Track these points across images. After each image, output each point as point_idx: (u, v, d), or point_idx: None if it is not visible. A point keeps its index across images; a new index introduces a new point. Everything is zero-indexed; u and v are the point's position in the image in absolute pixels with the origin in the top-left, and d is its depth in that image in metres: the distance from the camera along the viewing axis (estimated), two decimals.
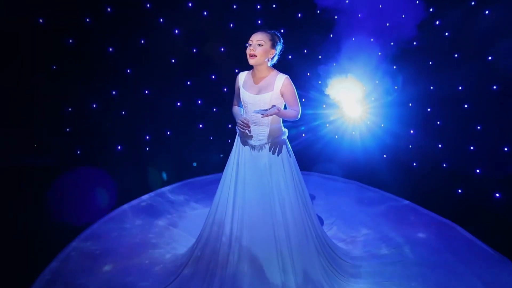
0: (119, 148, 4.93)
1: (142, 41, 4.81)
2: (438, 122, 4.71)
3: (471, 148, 4.24)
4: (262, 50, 2.25)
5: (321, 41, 5.62)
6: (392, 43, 5.31)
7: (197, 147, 5.23)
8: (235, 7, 5.19)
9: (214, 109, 5.49)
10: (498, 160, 3.92)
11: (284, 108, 2.32)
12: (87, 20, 4.45)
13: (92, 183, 4.04)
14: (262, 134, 2.30)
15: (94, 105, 4.77)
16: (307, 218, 2.37)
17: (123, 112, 4.96)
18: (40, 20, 4.22)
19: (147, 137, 5.12)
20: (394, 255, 2.88)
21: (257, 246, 2.25)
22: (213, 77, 5.38)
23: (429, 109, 4.86)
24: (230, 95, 5.48)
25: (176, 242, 3.03)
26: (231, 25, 5.20)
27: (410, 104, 5.10)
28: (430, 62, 4.93)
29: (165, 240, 3.06)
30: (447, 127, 4.59)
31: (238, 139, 2.42)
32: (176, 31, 4.96)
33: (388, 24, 5.30)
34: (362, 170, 4.50)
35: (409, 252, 2.91)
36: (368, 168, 4.56)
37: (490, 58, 4.22)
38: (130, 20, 4.64)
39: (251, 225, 2.26)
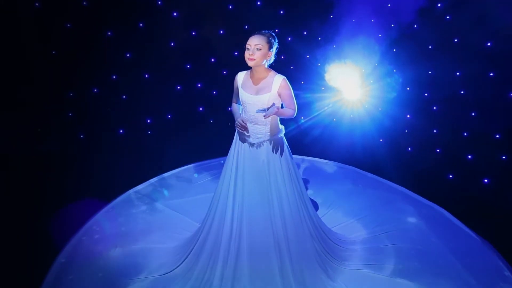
0: (121, 132, 5.03)
1: (141, 25, 4.77)
2: (434, 108, 4.80)
3: (465, 134, 4.36)
4: (261, 54, 2.33)
5: (321, 23, 5.55)
6: (393, 25, 5.27)
7: (198, 131, 5.33)
8: None
9: (214, 92, 5.53)
10: (489, 147, 4.06)
11: (281, 107, 2.41)
12: (84, 4, 4.39)
13: (97, 169, 4.18)
14: (261, 132, 2.42)
15: (95, 90, 4.82)
16: (303, 209, 2.55)
17: (124, 97, 5.01)
18: (37, 4, 4.16)
19: (148, 121, 5.21)
20: (384, 239, 3.08)
21: (256, 237, 2.44)
22: (213, 60, 5.38)
23: (426, 94, 4.93)
24: (230, 78, 5.52)
25: (180, 227, 3.22)
26: (230, 7, 5.13)
27: (408, 88, 5.15)
28: (430, 46, 4.93)
29: (169, 225, 3.24)
30: (443, 113, 4.68)
31: (237, 136, 2.53)
32: (175, 14, 4.90)
33: (389, 5, 5.22)
34: (359, 155, 4.63)
35: (399, 237, 3.10)
36: (365, 153, 4.68)
37: (489, 44, 4.23)
38: (128, 4, 4.57)
39: (251, 218, 2.44)
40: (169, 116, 5.33)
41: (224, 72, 5.48)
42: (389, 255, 2.90)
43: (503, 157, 3.90)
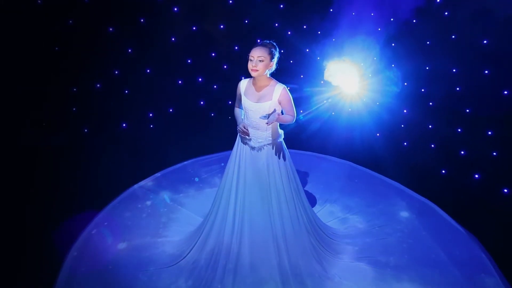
0: (124, 126, 5.15)
1: (142, 20, 4.81)
2: (431, 103, 4.90)
3: (459, 130, 4.49)
4: (263, 65, 2.45)
5: (321, 17, 5.58)
6: (392, 19, 5.30)
7: (199, 124, 5.44)
8: None
9: (215, 86, 5.62)
10: (481, 143, 4.20)
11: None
12: (86, 0, 4.42)
13: (102, 163, 4.32)
14: (261, 137, 2.56)
15: (98, 85, 4.91)
16: (300, 207, 2.72)
17: (126, 91, 5.11)
18: (39, 1, 4.20)
19: (151, 115, 5.32)
20: (377, 233, 3.26)
21: (256, 233, 2.62)
22: (213, 55, 5.44)
23: (423, 90, 5.02)
24: (230, 72, 5.59)
25: (184, 221, 3.40)
26: (230, 2, 5.15)
27: (406, 84, 5.23)
28: (428, 42, 4.98)
29: (174, 220, 3.42)
30: (438, 109, 4.79)
31: (239, 139, 2.67)
32: (175, 9, 4.93)
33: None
34: (355, 150, 4.76)
35: (391, 231, 3.29)
36: (361, 147, 4.81)
37: (486, 42, 4.30)
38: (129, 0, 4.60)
39: (251, 216, 2.62)
40: (171, 110, 5.43)
41: (225, 67, 5.55)
42: (381, 248, 3.09)
43: (494, 153, 4.04)
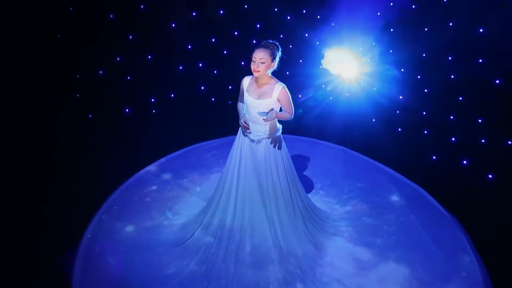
0: (127, 111, 5.29)
1: (142, 7, 4.83)
2: (426, 90, 5.04)
3: (451, 118, 4.66)
4: (264, 66, 2.61)
5: (320, 1, 5.58)
6: (392, 4, 5.32)
7: (200, 109, 5.57)
8: None
9: (215, 71, 5.71)
10: (472, 130, 4.38)
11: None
12: None
13: (108, 148, 4.51)
14: (261, 131, 2.75)
15: (100, 72, 5.00)
16: (296, 195, 2.96)
17: (128, 77, 5.20)
18: None
19: (152, 100, 5.44)
20: (368, 217, 3.52)
21: (255, 218, 2.87)
22: (213, 40, 5.48)
23: (419, 77, 5.13)
24: (230, 57, 5.65)
25: (188, 205, 3.63)
26: None
27: (402, 70, 5.34)
28: (426, 29, 5.04)
29: (179, 203, 3.65)
30: (433, 96, 4.93)
31: (241, 133, 2.86)
32: None
33: None
34: (351, 135, 4.93)
35: (381, 214, 3.54)
36: (357, 133, 4.99)
37: (481, 31, 4.38)
38: None
39: (251, 203, 2.86)
40: (172, 96, 5.55)
41: (225, 52, 5.61)
42: (371, 230, 3.36)
43: (482, 141, 4.23)
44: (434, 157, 4.40)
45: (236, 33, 5.48)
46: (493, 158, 4.07)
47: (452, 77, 4.69)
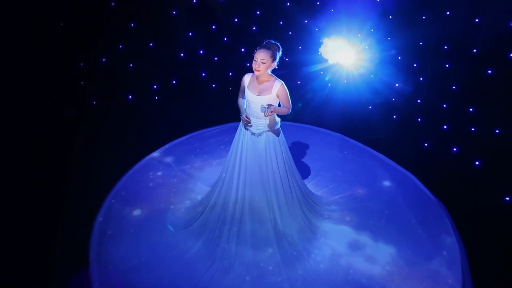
0: (130, 98, 5.43)
1: None
2: (421, 78, 5.17)
3: (444, 106, 4.83)
4: (265, 66, 2.78)
5: None
6: None
7: (201, 95, 5.71)
8: None
9: (215, 58, 5.80)
10: (462, 119, 4.56)
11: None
12: None
13: (113, 134, 4.69)
14: (261, 125, 2.95)
15: (104, 59, 5.10)
16: (293, 182, 3.19)
17: (131, 65, 5.31)
18: None
19: (155, 87, 5.57)
20: (360, 201, 3.76)
21: (255, 204, 3.10)
22: (214, 27, 5.54)
23: (415, 65, 5.25)
24: (230, 45, 5.73)
25: (192, 190, 3.87)
26: None
27: (400, 58, 5.44)
28: (424, 17, 5.10)
29: (183, 189, 3.88)
30: (428, 84, 5.07)
31: (242, 126, 3.05)
32: None
33: None
34: (348, 122, 5.10)
35: (372, 198, 3.78)
36: (354, 120, 5.15)
37: (477, 21, 4.47)
38: None
39: (251, 189, 3.08)
40: (174, 82, 5.67)
41: (225, 39, 5.68)
42: (362, 213, 3.61)
43: (472, 129, 4.42)
44: (426, 144, 4.60)
45: (236, 20, 5.53)
46: (481, 146, 4.27)
47: (447, 66, 4.81)
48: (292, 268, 3.05)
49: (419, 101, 5.12)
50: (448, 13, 4.76)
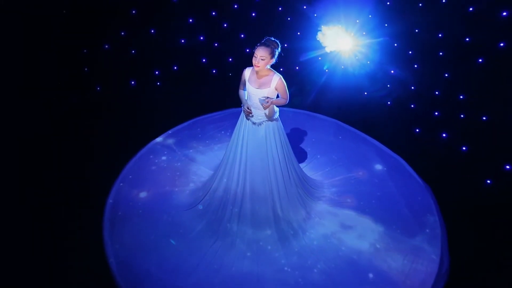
0: (133, 84, 5.58)
1: None
2: (416, 66, 5.32)
3: (436, 93, 5.01)
4: (264, 63, 2.98)
5: None
6: None
7: (202, 81, 5.85)
8: None
9: (215, 44, 5.90)
10: (453, 106, 4.77)
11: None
12: None
13: (118, 119, 4.88)
14: (261, 115, 3.18)
15: (106, 46, 5.21)
16: (291, 167, 3.45)
17: (133, 51, 5.42)
18: None
19: (157, 73, 5.71)
20: (354, 183, 4.02)
21: (255, 185, 3.37)
22: (213, 14, 5.62)
23: (410, 52, 5.38)
24: (230, 30, 5.81)
25: (195, 174, 4.12)
26: None
27: (396, 45, 5.56)
28: (420, 4, 5.19)
29: (187, 172, 4.13)
30: (422, 71, 5.23)
31: (243, 116, 3.26)
32: None
33: None
34: (344, 108, 5.29)
35: (364, 182, 4.05)
36: (349, 106, 5.34)
37: (471, 9, 4.58)
38: None
39: (252, 173, 3.34)
40: (175, 68, 5.80)
41: (225, 25, 5.77)
42: (354, 195, 3.89)
43: (462, 116, 4.64)
44: (417, 130, 4.83)
45: (236, 6, 5.60)
46: (469, 132, 4.51)
47: (441, 54, 4.96)
48: (289, 245, 3.35)
49: (413, 88, 5.30)
50: (444, 1, 4.85)
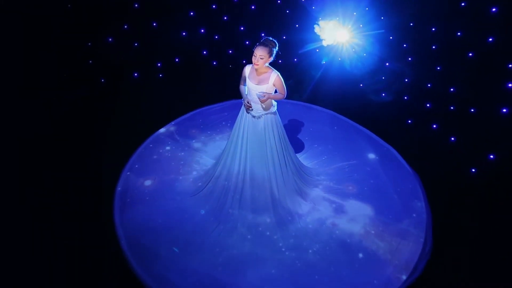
0: (136, 75, 5.76)
1: None
2: (410, 59, 5.51)
3: (428, 86, 5.22)
4: (263, 61, 3.19)
5: None
6: None
7: (203, 73, 6.02)
8: None
9: (216, 37, 6.05)
10: (444, 98, 4.99)
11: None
12: None
13: (123, 111, 5.07)
14: (260, 109, 3.40)
15: (110, 39, 5.36)
16: (288, 157, 3.69)
17: (136, 44, 5.58)
18: None
19: (159, 65, 5.88)
20: (348, 171, 4.26)
21: (255, 175, 3.62)
22: (214, 7, 5.75)
23: (405, 45, 5.56)
24: (230, 23, 5.95)
25: (198, 163, 4.35)
26: None
27: (391, 38, 5.73)
28: None
29: (190, 161, 4.37)
30: (415, 64, 5.42)
31: (244, 109, 3.48)
32: None
33: None
34: (340, 99, 5.49)
35: (357, 170, 4.30)
36: (345, 98, 5.55)
37: (463, 5, 4.75)
38: None
39: (252, 162, 3.59)
40: (177, 60, 5.97)
41: (225, 18, 5.91)
42: (348, 182, 4.15)
43: (451, 108, 4.87)
44: (409, 121, 5.06)
45: (236, 0, 5.73)
46: (457, 124, 4.74)
47: (434, 48, 5.14)
48: (286, 229, 3.63)
49: (407, 80, 5.50)
50: None
